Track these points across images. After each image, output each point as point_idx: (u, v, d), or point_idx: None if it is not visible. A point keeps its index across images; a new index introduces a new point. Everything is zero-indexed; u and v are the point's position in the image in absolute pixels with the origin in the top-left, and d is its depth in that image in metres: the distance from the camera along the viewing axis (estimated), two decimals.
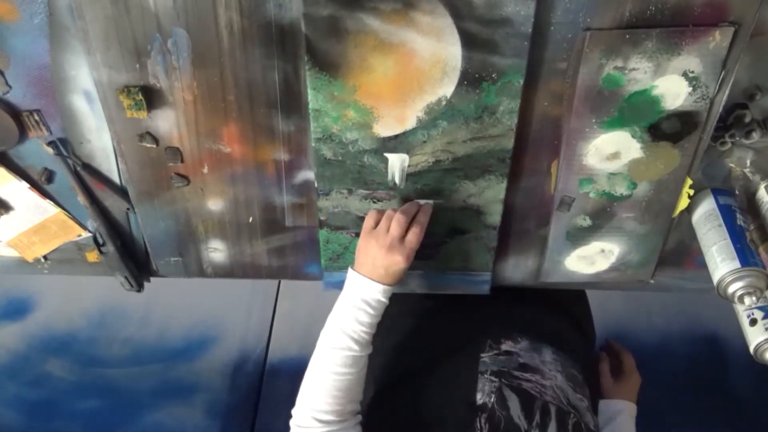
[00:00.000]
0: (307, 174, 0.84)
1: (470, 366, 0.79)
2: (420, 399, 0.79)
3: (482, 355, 0.80)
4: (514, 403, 0.73)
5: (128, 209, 0.88)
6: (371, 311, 0.78)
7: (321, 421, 0.75)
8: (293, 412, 0.79)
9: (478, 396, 0.75)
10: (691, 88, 0.73)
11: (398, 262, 0.77)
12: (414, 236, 0.79)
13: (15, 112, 0.79)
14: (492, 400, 0.74)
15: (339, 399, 0.76)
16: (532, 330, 0.87)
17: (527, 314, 0.93)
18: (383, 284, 0.78)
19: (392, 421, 0.80)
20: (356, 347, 0.77)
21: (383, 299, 0.78)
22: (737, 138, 0.78)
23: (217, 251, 0.93)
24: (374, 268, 0.78)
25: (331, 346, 0.78)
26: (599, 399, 0.98)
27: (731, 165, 0.83)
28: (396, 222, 0.78)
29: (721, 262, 0.80)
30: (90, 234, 0.92)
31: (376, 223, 0.80)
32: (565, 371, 0.82)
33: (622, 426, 0.95)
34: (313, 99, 0.75)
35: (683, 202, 0.84)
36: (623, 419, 0.95)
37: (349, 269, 0.81)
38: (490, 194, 0.84)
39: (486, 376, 0.77)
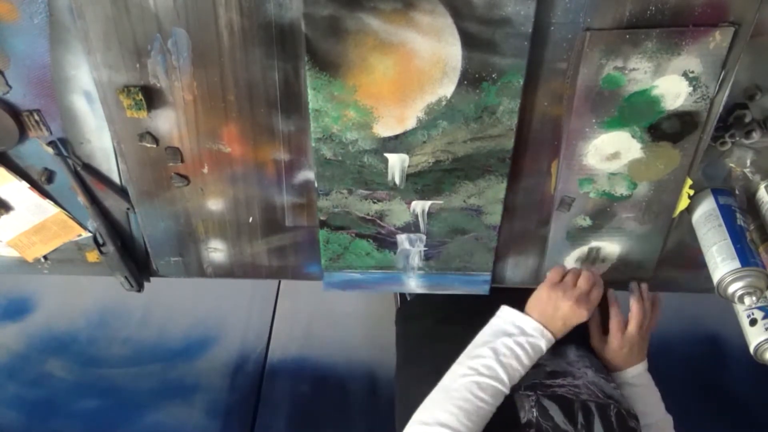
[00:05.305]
0: (307, 174, 0.84)
1: None
2: None
3: None
4: (555, 411, 0.74)
5: (128, 209, 0.88)
6: (533, 357, 0.79)
7: None
8: (419, 416, 0.76)
9: (521, 415, 0.75)
10: (691, 88, 0.73)
11: (582, 316, 0.80)
12: (598, 293, 0.82)
13: (15, 112, 0.79)
14: (534, 414, 0.74)
15: (471, 427, 0.73)
16: None
17: None
18: (554, 337, 0.80)
19: None
20: (508, 383, 0.76)
21: (545, 350, 0.80)
22: (737, 138, 0.78)
23: (217, 251, 0.93)
24: (554, 320, 0.81)
25: (482, 373, 0.76)
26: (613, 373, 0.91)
27: (731, 165, 0.83)
28: (584, 278, 0.82)
29: (721, 262, 0.80)
30: (90, 234, 0.92)
31: (562, 278, 0.84)
32: (594, 365, 0.83)
33: (645, 388, 0.89)
34: (313, 99, 0.75)
35: (683, 202, 0.84)
36: (642, 382, 0.89)
37: (527, 316, 0.81)
38: (490, 194, 0.84)
39: (521, 392, 0.77)
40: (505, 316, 0.83)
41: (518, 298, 0.97)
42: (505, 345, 0.79)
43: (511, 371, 0.77)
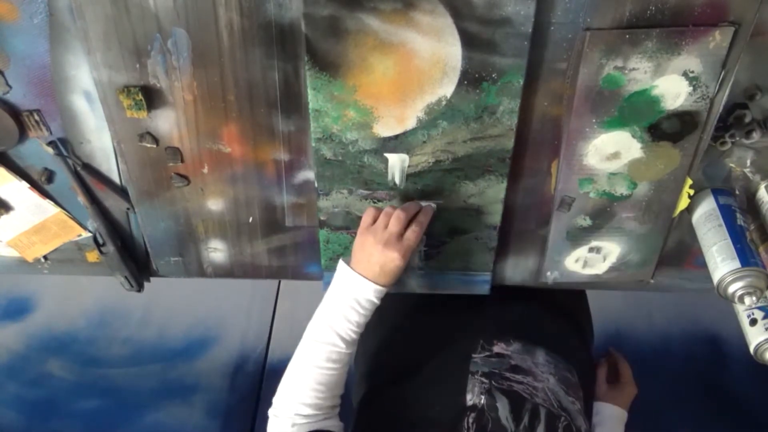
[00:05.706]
0: (307, 174, 0.84)
1: (461, 366, 0.79)
2: (409, 397, 0.79)
3: (474, 355, 0.80)
4: (503, 405, 0.73)
5: (128, 209, 0.88)
6: (362, 311, 0.76)
7: (300, 414, 0.75)
8: (274, 400, 0.79)
9: (468, 396, 0.75)
10: (691, 88, 0.73)
11: (394, 259, 0.75)
12: (413, 234, 0.76)
13: (15, 112, 0.79)
14: (482, 401, 0.74)
15: (320, 393, 0.76)
16: (527, 331, 0.86)
17: (524, 315, 0.93)
18: (377, 284, 0.76)
19: (382, 419, 0.80)
20: (342, 345, 0.76)
21: (375, 300, 0.76)
22: (737, 138, 0.78)
23: (217, 251, 0.93)
24: (369, 266, 0.76)
25: (317, 339, 0.77)
26: (594, 401, 0.98)
27: (731, 165, 0.83)
28: (395, 218, 0.77)
29: (721, 262, 0.80)
30: (90, 234, 0.92)
31: (375, 220, 0.78)
32: (559, 373, 0.81)
33: (612, 431, 0.95)
34: (313, 99, 0.75)
35: (683, 202, 0.84)
36: (613, 424, 0.95)
37: (342, 263, 0.78)
38: (490, 194, 0.84)
39: (476, 377, 0.77)
40: (336, 274, 0.79)
41: (516, 298, 0.97)
42: (334, 306, 0.77)
43: (344, 332, 0.76)
